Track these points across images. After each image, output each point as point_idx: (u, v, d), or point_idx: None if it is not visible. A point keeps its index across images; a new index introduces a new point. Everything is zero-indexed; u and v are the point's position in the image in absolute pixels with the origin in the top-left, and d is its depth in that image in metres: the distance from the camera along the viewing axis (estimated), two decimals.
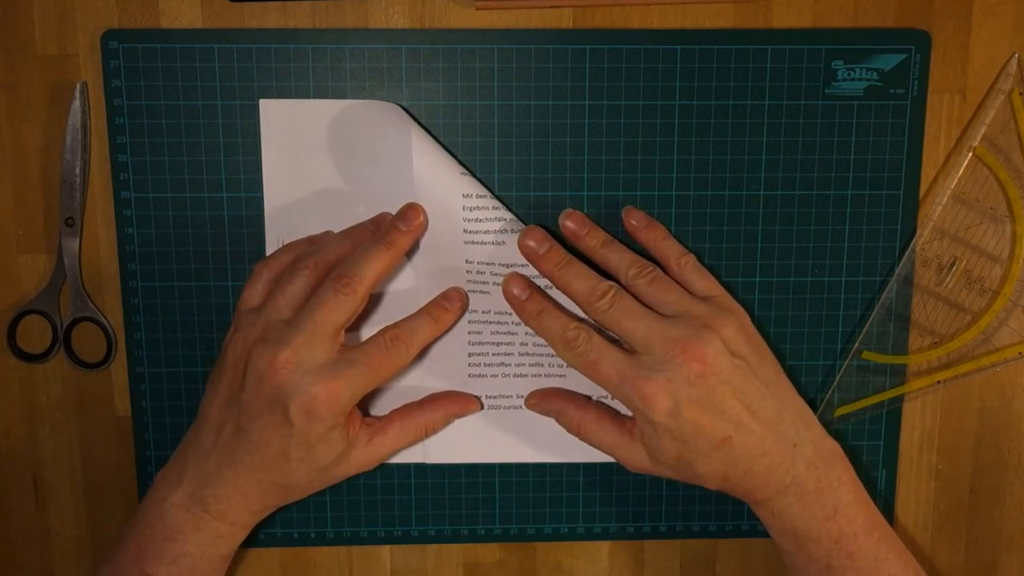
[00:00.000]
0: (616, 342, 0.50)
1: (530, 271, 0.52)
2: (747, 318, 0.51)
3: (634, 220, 0.53)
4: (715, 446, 0.48)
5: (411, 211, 0.51)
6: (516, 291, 0.51)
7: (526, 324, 0.52)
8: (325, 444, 0.48)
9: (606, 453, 0.52)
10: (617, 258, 0.51)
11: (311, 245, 0.52)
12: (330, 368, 0.47)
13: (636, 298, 0.50)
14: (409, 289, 0.54)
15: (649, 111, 0.53)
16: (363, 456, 0.51)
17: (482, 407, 0.55)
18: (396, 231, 0.50)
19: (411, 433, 0.53)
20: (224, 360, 0.49)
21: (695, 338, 0.48)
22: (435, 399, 0.54)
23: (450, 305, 0.52)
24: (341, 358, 0.47)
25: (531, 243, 0.51)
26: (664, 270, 0.52)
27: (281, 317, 0.48)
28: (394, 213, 0.51)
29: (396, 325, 0.50)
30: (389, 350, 0.49)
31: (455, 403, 0.54)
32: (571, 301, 0.51)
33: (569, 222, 0.52)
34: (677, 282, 0.52)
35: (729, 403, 0.48)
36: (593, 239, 0.52)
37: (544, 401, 0.54)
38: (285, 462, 0.48)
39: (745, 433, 0.48)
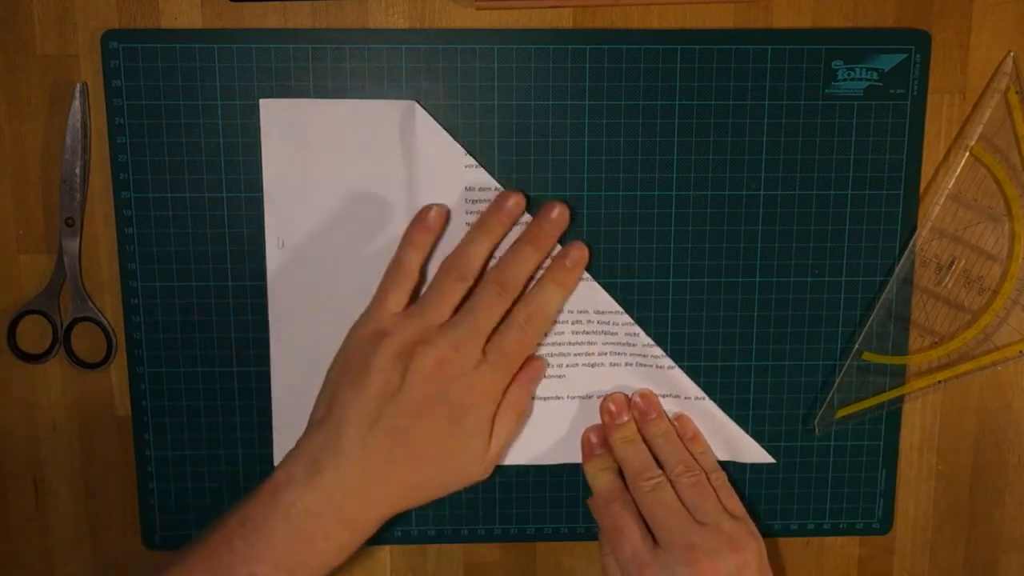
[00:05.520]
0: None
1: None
2: (764, 552, 0.52)
3: (681, 427, 0.56)
4: None
5: (551, 209, 0.53)
6: (589, 451, 0.56)
7: (588, 473, 0.55)
8: (475, 440, 0.50)
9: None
10: (671, 452, 0.54)
11: (430, 235, 0.52)
12: (484, 364, 0.50)
13: (677, 494, 0.52)
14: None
15: (649, 111, 0.53)
16: (481, 468, 0.52)
17: (547, 364, 0.55)
18: (543, 232, 0.52)
19: (504, 424, 0.52)
20: (371, 364, 0.48)
21: (713, 554, 0.50)
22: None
23: (572, 264, 0.53)
24: (490, 352, 0.50)
25: (612, 407, 0.55)
26: None
27: (436, 323, 0.50)
28: (506, 201, 0.52)
29: (526, 303, 0.52)
30: (526, 331, 0.51)
31: (522, 372, 0.53)
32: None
33: (641, 402, 0.55)
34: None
35: None
36: (657, 426, 0.55)
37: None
38: (436, 462, 0.49)
39: None
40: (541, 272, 0.53)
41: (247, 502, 0.48)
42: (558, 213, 0.52)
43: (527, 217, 0.53)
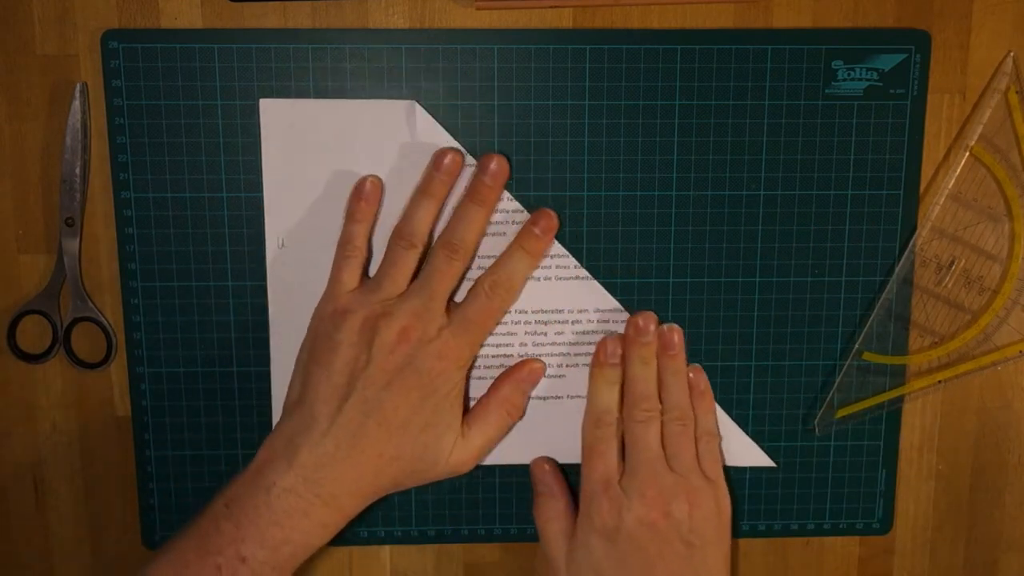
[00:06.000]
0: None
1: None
2: (728, 514, 0.54)
3: (694, 378, 0.55)
4: None
5: (488, 161, 0.52)
6: (603, 356, 0.54)
7: (592, 379, 0.54)
8: (446, 408, 0.50)
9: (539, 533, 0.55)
10: (675, 394, 0.54)
11: (370, 205, 0.52)
12: (448, 329, 0.50)
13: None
14: None
15: (649, 111, 0.53)
16: (462, 453, 0.52)
17: (545, 368, 0.55)
18: (484, 187, 0.52)
19: (494, 419, 0.53)
20: (336, 342, 0.49)
21: (669, 497, 0.51)
22: (499, 378, 0.54)
23: (541, 231, 0.53)
24: (454, 318, 0.51)
25: (640, 323, 0.54)
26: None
27: (394, 294, 0.50)
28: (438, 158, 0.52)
29: (493, 272, 0.52)
30: (492, 299, 0.51)
31: (519, 370, 0.54)
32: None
33: (668, 333, 0.54)
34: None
35: (658, 568, 0.51)
36: (674, 363, 0.54)
37: (544, 475, 0.56)
38: (410, 431, 0.50)
39: None
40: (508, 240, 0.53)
41: (231, 485, 0.49)
42: (496, 165, 0.52)
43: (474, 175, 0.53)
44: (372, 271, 0.53)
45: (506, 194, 0.53)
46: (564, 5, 0.53)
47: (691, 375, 0.55)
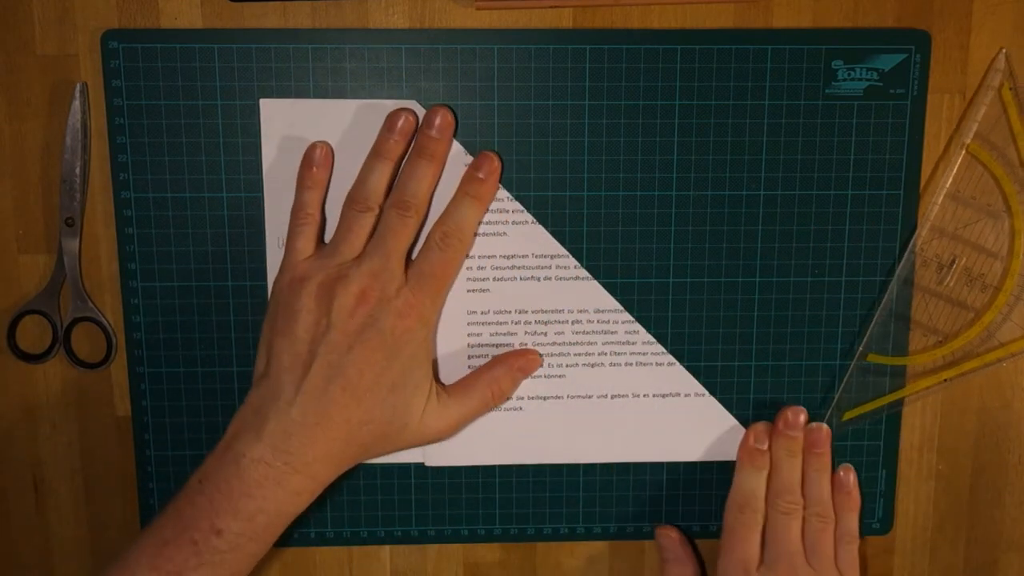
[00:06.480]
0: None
1: (531, 261, 0.53)
2: None
3: (843, 476, 0.56)
4: None
5: (434, 115, 0.51)
6: (752, 440, 0.56)
7: (740, 463, 0.56)
8: (414, 368, 0.50)
9: None
10: (817, 490, 0.55)
11: (322, 171, 0.52)
12: (406, 287, 0.50)
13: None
14: None
15: (649, 111, 0.53)
16: (435, 420, 0.52)
17: (542, 361, 0.55)
18: (431, 140, 0.51)
19: (477, 394, 0.53)
20: (296, 310, 0.49)
21: None
22: (495, 359, 0.54)
23: (485, 175, 0.52)
24: (411, 275, 0.50)
25: (790, 417, 0.55)
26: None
27: (350, 258, 0.50)
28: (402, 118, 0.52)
29: (442, 222, 0.52)
30: (445, 251, 0.51)
31: (516, 358, 0.54)
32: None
33: (816, 431, 0.55)
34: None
35: None
36: (819, 460, 0.55)
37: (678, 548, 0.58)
38: (377, 393, 0.49)
39: None
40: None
41: (204, 462, 0.49)
42: (441, 118, 0.51)
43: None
44: (328, 238, 0.53)
45: (505, 194, 0.53)
46: (564, 5, 0.53)
47: (840, 473, 0.56)
